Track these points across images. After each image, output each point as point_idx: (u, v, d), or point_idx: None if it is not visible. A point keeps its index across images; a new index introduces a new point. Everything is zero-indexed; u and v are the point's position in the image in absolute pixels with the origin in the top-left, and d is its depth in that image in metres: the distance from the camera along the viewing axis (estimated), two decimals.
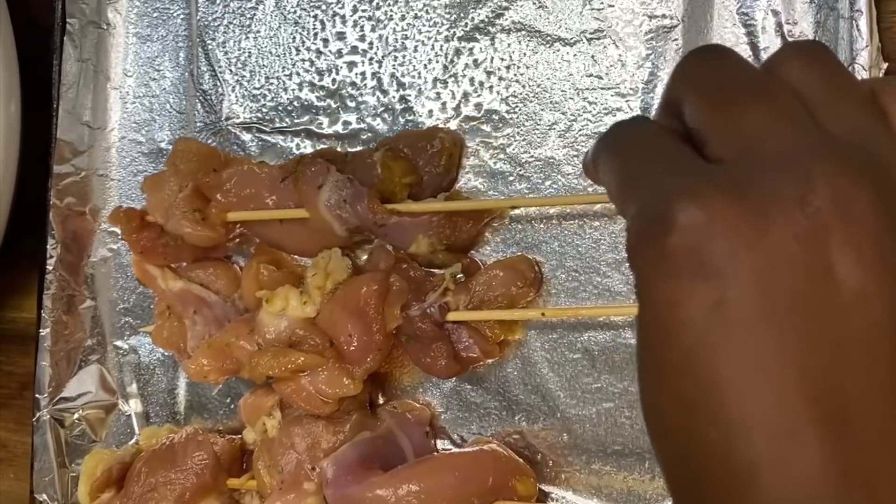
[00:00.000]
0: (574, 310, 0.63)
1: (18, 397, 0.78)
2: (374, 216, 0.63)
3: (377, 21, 0.69)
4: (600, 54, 0.64)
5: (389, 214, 0.63)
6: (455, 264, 0.64)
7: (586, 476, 0.63)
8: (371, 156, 0.66)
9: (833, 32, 0.58)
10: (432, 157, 0.65)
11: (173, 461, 0.67)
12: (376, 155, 0.65)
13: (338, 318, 0.63)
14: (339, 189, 0.64)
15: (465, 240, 0.65)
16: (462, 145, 0.67)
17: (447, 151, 0.65)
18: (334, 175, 0.65)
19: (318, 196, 0.65)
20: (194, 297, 0.69)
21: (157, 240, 0.69)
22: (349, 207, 0.64)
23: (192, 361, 0.67)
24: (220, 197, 0.67)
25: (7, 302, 0.79)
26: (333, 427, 0.64)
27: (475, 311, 0.63)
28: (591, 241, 0.64)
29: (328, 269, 0.65)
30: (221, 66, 0.73)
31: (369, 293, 0.62)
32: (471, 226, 0.65)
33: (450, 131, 0.67)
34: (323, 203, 0.64)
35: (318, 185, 0.65)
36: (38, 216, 0.74)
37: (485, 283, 0.64)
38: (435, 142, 0.65)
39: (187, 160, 0.68)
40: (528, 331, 0.65)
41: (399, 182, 0.65)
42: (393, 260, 0.65)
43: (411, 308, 0.63)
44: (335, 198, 0.64)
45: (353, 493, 0.60)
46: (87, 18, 0.75)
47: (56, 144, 0.73)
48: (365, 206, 0.63)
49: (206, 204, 0.68)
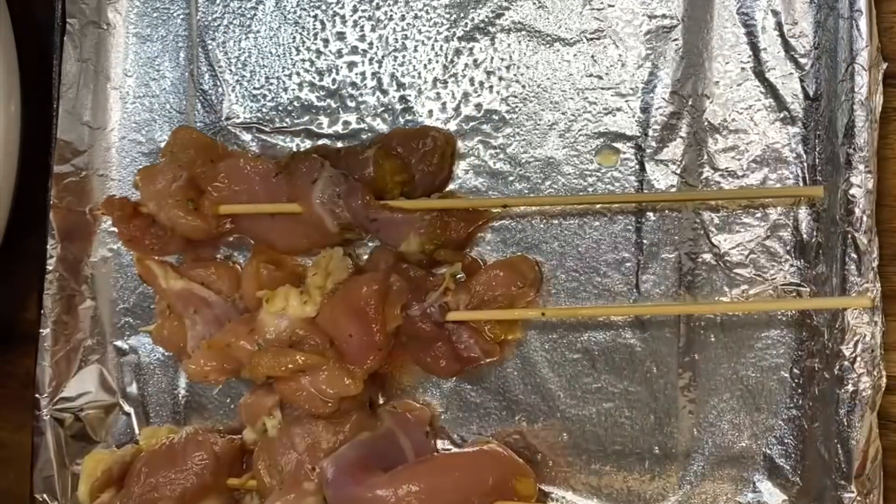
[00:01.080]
0: (574, 310, 0.63)
1: (18, 397, 0.78)
2: (367, 210, 0.63)
3: (377, 21, 0.69)
4: (600, 54, 0.64)
5: (382, 209, 0.63)
6: (455, 264, 0.64)
7: (586, 476, 0.63)
8: (363, 152, 0.66)
9: (833, 32, 0.58)
10: (425, 156, 0.65)
11: (173, 461, 0.67)
12: (368, 152, 0.65)
13: (338, 317, 0.63)
14: (333, 184, 0.64)
15: (456, 240, 0.65)
16: (455, 144, 0.67)
17: (440, 150, 0.65)
18: (328, 170, 0.65)
19: (312, 191, 0.65)
20: (195, 297, 0.69)
21: (147, 230, 0.69)
22: (342, 202, 0.64)
23: (192, 362, 0.67)
24: (214, 188, 0.68)
25: (7, 302, 0.79)
26: (333, 427, 0.64)
27: (475, 311, 0.63)
28: (592, 242, 0.64)
29: (329, 269, 0.65)
30: (221, 66, 0.73)
31: (370, 293, 0.62)
32: (462, 227, 0.65)
33: (442, 130, 0.67)
34: (316, 198, 0.65)
35: (312, 179, 0.65)
36: (38, 216, 0.74)
37: (485, 282, 0.64)
38: (427, 140, 0.66)
39: (184, 148, 0.68)
40: (528, 331, 0.65)
41: (391, 180, 0.65)
42: (393, 259, 0.65)
43: (411, 308, 0.63)
44: (329, 192, 0.64)
45: (354, 493, 0.60)
46: (87, 18, 0.75)
47: (56, 144, 0.73)
48: (358, 202, 0.63)
49: (200, 195, 0.68)
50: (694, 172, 0.62)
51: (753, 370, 0.60)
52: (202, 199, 0.68)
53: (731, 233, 0.61)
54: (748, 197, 0.60)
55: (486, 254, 0.66)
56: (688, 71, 0.62)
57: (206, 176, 0.68)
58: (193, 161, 0.68)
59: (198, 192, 0.68)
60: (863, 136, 0.56)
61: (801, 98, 0.60)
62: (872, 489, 0.56)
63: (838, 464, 0.56)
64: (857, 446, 0.55)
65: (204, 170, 0.68)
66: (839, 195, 0.57)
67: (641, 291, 0.63)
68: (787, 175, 0.60)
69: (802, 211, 0.59)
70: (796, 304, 0.59)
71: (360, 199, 0.63)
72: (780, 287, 0.60)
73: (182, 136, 0.69)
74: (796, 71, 0.60)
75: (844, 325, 0.56)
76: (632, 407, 0.63)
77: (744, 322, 0.61)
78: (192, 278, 0.69)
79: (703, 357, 0.61)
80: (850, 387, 0.56)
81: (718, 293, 0.61)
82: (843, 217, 0.56)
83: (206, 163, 0.68)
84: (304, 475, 0.63)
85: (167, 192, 0.67)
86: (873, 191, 0.56)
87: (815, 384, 0.58)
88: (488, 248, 0.66)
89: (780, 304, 0.60)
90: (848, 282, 0.56)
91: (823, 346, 0.58)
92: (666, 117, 0.62)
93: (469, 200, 0.65)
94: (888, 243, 0.58)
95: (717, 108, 0.61)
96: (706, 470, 0.61)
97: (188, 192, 0.68)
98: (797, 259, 0.60)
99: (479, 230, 0.66)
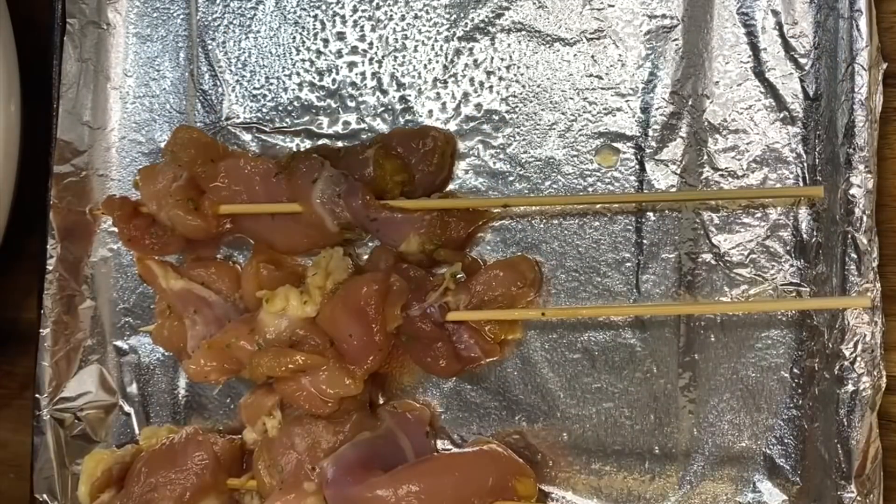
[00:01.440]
0: (574, 310, 0.63)
1: (18, 397, 0.78)
2: (368, 210, 0.63)
3: (377, 21, 0.69)
4: (600, 54, 0.64)
5: (382, 208, 0.63)
6: (455, 264, 0.64)
7: (586, 476, 0.63)
8: (363, 152, 0.66)
9: (833, 32, 0.58)
10: (425, 156, 0.65)
11: (173, 461, 0.67)
12: (368, 152, 0.65)
13: (338, 317, 0.63)
14: (334, 184, 0.64)
15: (456, 240, 0.65)
16: (455, 144, 0.67)
17: (440, 150, 0.65)
18: (328, 170, 0.65)
19: (312, 190, 0.65)
20: (195, 297, 0.69)
21: (147, 229, 0.69)
22: (342, 202, 0.64)
23: (193, 362, 0.67)
24: (215, 188, 0.68)
25: (7, 302, 0.79)
26: (333, 427, 0.64)
27: (475, 311, 0.63)
28: (591, 242, 0.64)
29: (329, 269, 0.65)
30: (221, 66, 0.73)
31: (370, 293, 0.62)
32: (462, 227, 0.65)
33: (442, 130, 0.67)
34: (316, 197, 0.65)
35: (313, 179, 0.65)
36: (38, 216, 0.74)
37: (485, 282, 0.64)
38: (427, 140, 0.66)
39: (184, 148, 0.68)
40: (528, 331, 0.65)
41: (391, 180, 0.65)
42: (393, 259, 0.65)
43: (412, 308, 0.63)
44: (329, 192, 0.64)
45: (354, 493, 0.60)
46: (87, 18, 0.75)
47: (56, 144, 0.73)
48: (359, 201, 0.63)
49: (201, 195, 0.68)
50: (694, 172, 0.62)
51: (753, 370, 0.60)
52: (202, 199, 0.68)
53: (731, 233, 0.61)
54: (748, 197, 0.60)
55: (486, 254, 0.66)
56: (688, 71, 0.62)
57: (207, 175, 0.68)
58: (194, 160, 0.68)
59: (198, 192, 0.68)
60: (863, 136, 0.56)
61: (801, 98, 0.60)
62: (872, 489, 0.56)
63: (838, 464, 0.56)
64: (857, 446, 0.55)
65: (204, 169, 0.68)
66: (839, 195, 0.57)
67: (641, 291, 0.63)
68: (787, 175, 0.60)
69: (802, 211, 0.59)
70: (796, 305, 0.59)
71: (360, 198, 0.63)
72: (780, 287, 0.60)
73: (182, 136, 0.69)
74: (796, 71, 0.60)
75: (844, 325, 0.56)
76: (632, 407, 0.63)
77: (744, 322, 0.61)
78: (192, 278, 0.69)
79: (703, 357, 0.61)
80: (850, 387, 0.56)
81: (718, 293, 0.61)
82: (843, 217, 0.56)
83: (207, 162, 0.68)
84: (305, 475, 0.63)
85: (167, 192, 0.68)
86: (873, 191, 0.56)
87: (815, 384, 0.58)
88: (488, 249, 0.66)
89: (780, 304, 0.60)
90: (848, 282, 0.56)
91: (823, 346, 0.58)
92: (666, 117, 0.62)
93: (469, 200, 0.65)
94: (888, 243, 0.58)
95: (717, 108, 0.61)
96: (706, 470, 0.61)
97: (189, 192, 0.68)
98: (797, 259, 0.60)
99: (479, 230, 0.66)
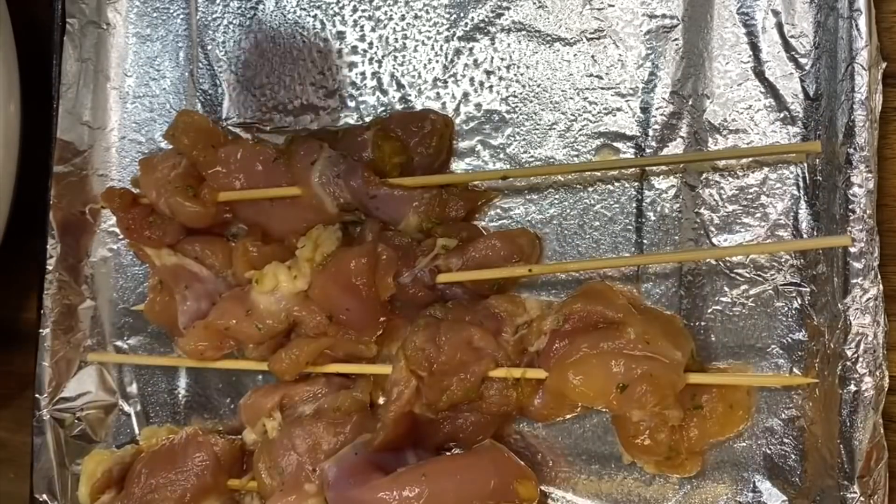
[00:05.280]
0: (561, 266, 0.63)
1: (18, 397, 0.78)
2: (367, 187, 0.63)
3: (377, 21, 0.69)
4: (600, 54, 0.64)
5: (381, 185, 0.63)
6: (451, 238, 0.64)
7: (586, 477, 0.63)
8: (362, 134, 0.66)
9: (833, 32, 0.58)
10: (423, 139, 0.65)
11: (173, 462, 0.67)
12: (367, 133, 0.66)
13: (332, 294, 0.64)
14: (332, 164, 0.64)
15: (454, 220, 0.65)
16: (453, 127, 0.67)
17: (438, 132, 0.65)
18: (327, 151, 0.65)
19: (311, 172, 0.65)
20: (186, 272, 0.69)
21: (145, 219, 0.69)
22: (342, 182, 0.64)
23: (187, 341, 0.67)
24: (214, 175, 0.68)
25: (7, 302, 0.79)
26: (334, 428, 0.64)
27: (465, 272, 0.62)
28: (592, 242, 0.64)
29: (318, 241, 0.65)
30: (221, 66, 0.73)
31: (359, 267, 0.62)
32: (461, 205, 0.65)
33: (441, 113, 0.67)
34: (315, 178, 0.65)
35: (311, 161, 0.65)
36: (38, 216, 0.74)
37: (480, 250, 0.63)
38: (426, 123, 0.66)
39: (185, 131, 0.68)
40: None
41: (389, 161, 0.65)
42: (378, 228, 0.65)
43: (402, 275, 0.64)
44: (328, 173, 0.64)
45: (355, 495, 0.60)
46: (87, 18, 0.75)
47: (56, 144, 0.73)
48: (359, 181, 0.63)
49: (200, 182, 0.68)
50: (694, 172, 0.62)
51: (753, 370, 0.60)
52: (202, 186, 0.68)
53: (731, 233, 0.61)
54: (748, 155, 0.60)
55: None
56: (688, 71, 0.62)
57: (206, 161, 0.68)
58: (194, 144, 0.68)
59: (197, 180, 0.69)
60: (863, 135, 0.56)
61: (801, 98, 0.60)
62: (877, 490, 0.56)
63: (841, 465, 0.56)
64: (859, 447, 0.55)
65: (204, 155, 0.68)
66: (839, 195, 0.57)
67: (641, 291, 0.63)
68: (787, 175, 0.60)
69: (802, 210, 0.59)
70: (785, 247, 0.59)
71: (359, 177, 0.63)
72: (780, 287, 0.60)
73: (184, 120, 0.69)
74: (796, 71, 0.60)
75: (847, 325, 0.56)
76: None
77: (744, 322, 0.61)
78: (185, 254, 0.69)
79: (704, 357, 0.61)
80: (853, 387, 0.56)
81: (719, 293, 0.61)
82: (843, 216, 0.56)
83: (207, 147, 0.68)
84: (306, 476, 0.63)
85: (167, 179, 0.68)
86: (873, 191, 0.56)
87: (817, 385, 0.58)
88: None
89: (773, 246, 0.59)
90: (848, 282, 0.56)
91: (825, 347, 0.57)
92: (666, 117, 0.62)
93: (468, 175, 0.65)
94: (888, 243, 0.58)
95: (717, 108, 0.61)
96: (706, 470, 0.61)
97: (188, 179, 0.68)
98: (797, 259, 0.60)
99: (477, 210, 0.66)
